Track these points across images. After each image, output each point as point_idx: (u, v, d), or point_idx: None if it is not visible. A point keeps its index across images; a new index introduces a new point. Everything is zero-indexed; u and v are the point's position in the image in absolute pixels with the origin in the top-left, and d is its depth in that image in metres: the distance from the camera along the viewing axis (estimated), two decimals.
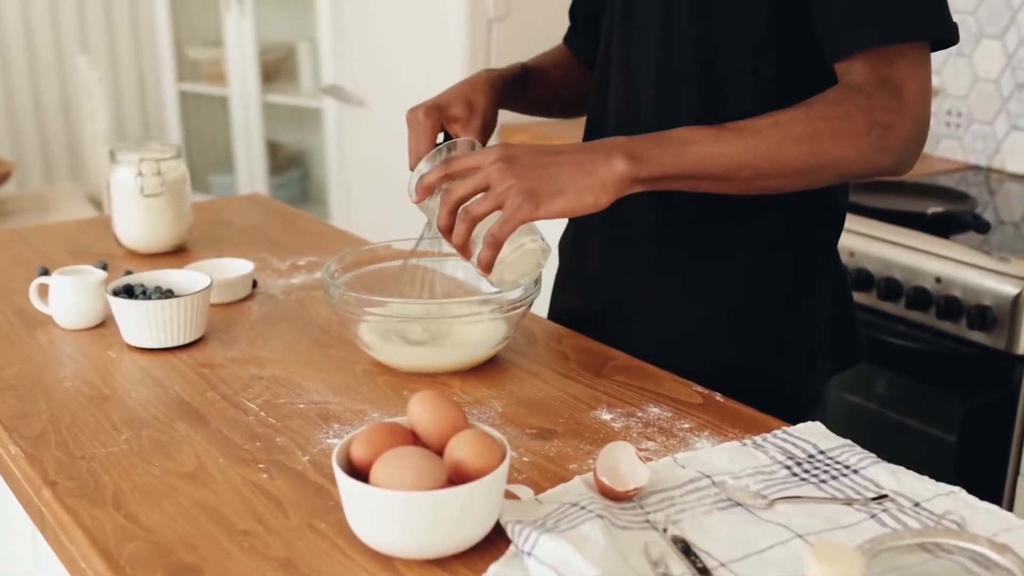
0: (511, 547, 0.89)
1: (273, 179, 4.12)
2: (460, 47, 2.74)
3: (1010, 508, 1.90)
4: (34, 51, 4.16)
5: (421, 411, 0.92)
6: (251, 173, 4.07)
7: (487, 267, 1.10)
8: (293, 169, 4.32)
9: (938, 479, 1.01)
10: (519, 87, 1.42)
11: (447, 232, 1.12)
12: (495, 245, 1.07)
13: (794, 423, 1.12)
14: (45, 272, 1.51)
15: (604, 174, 1.06)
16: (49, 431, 1.12)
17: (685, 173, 1.10)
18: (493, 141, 1.35)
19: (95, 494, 1.00)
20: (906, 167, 1.15)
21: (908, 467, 1.03)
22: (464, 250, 1.12)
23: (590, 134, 1.41)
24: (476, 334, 1.25)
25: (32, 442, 1.10)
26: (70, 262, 1.61)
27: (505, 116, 1.45)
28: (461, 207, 1.10)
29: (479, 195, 1.09)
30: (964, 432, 1.92)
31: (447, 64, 2.73)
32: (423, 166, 1.22)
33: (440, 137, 1.31)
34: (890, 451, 1.09)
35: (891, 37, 1.11)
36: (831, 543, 0.68)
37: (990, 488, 1.91)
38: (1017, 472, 1.89)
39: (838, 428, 1.11)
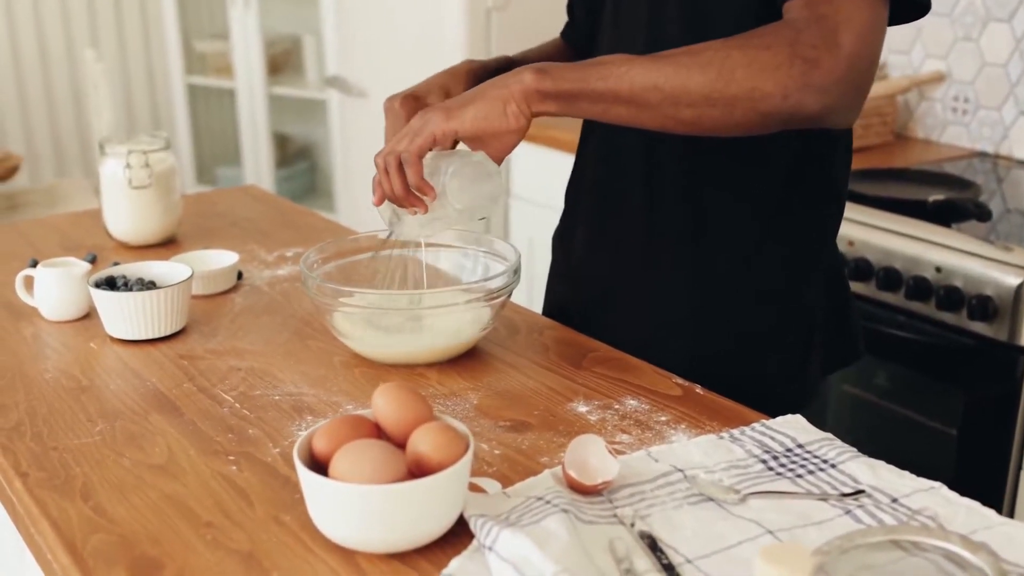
0: (473, 541, 0.87)
1: (280, 171, 4.12)
2: (459, 37, 2.72)
3: (1012, 500, 1.87)
4: (45, 45, 4.17)
5: (383, 403, 0.91)
6: (258, 165, 4.06)
7: (418, 185, 1.13)
8: (301, 161, 4.32)
9: (939, 472, 0.98)
10: None
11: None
12: (413, 162, 1.12)
13: None
14: (35, 265, 1.50)
15: (513, 86, 1.10)
16: (25, 422, 1.12)
17: (590, 90, 1.09)
18: None
19: (64, 485, 0.99)
20: (837, 116, 1.06)
21: (909, 460, 1.00)
22: (408, 198, 1.15)
23: (584, 131, 1.40)
24: (454, 324, 1.23)
25: (7, 433, 1.10)
26: (62, 255, 1.61)
27: None
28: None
29: None
30: (965, 424, 1.89)
31: (447, 54, 2.71)
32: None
33: None
34: (890, 444, 1.07)
35: None
36: (781, 544, 0.66)
37: (992, 481, 1.88)
38: (1020, 465, 1.86)
39: (838, 421, 1.09)
